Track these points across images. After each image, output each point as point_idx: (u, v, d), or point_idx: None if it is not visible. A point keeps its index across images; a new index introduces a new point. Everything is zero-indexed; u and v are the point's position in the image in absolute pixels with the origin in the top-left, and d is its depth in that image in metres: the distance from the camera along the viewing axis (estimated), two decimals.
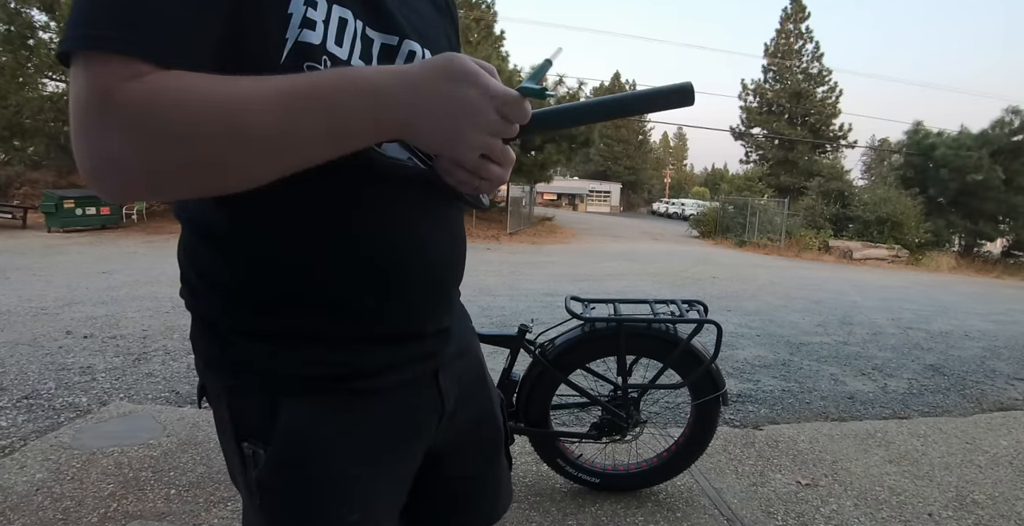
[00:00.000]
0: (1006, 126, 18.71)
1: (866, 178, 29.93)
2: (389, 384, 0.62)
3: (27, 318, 4.11)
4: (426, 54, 0.60)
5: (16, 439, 2.24)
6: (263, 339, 0.57)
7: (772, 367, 3.82)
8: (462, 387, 0.73)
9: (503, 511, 0.86)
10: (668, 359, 1.86)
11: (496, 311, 5.17)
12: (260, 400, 0.58)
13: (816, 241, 16.27)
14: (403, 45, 0.58)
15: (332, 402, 0.59)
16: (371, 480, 0.62)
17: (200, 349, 0.62)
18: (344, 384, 0.59)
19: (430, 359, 0.67)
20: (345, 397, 0.60)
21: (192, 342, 0.63)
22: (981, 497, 2.16)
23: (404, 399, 0.64)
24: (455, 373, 0.71)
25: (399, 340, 0.63)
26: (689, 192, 54.24)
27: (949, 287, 10.21)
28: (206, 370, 0.61)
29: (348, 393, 0.60)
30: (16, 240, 9.04)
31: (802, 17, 30.20)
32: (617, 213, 40.19)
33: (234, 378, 0.59)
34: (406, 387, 0.64)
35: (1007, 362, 4.36)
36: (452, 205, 0.66)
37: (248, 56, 0.48)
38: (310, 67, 0.50)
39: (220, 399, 0.60)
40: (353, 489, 0.61)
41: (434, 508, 0.78)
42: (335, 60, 0.52)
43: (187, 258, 0.61)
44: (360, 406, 0.61)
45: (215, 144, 0.42)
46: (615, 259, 11.08)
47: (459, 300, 0.76)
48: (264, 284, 0.56)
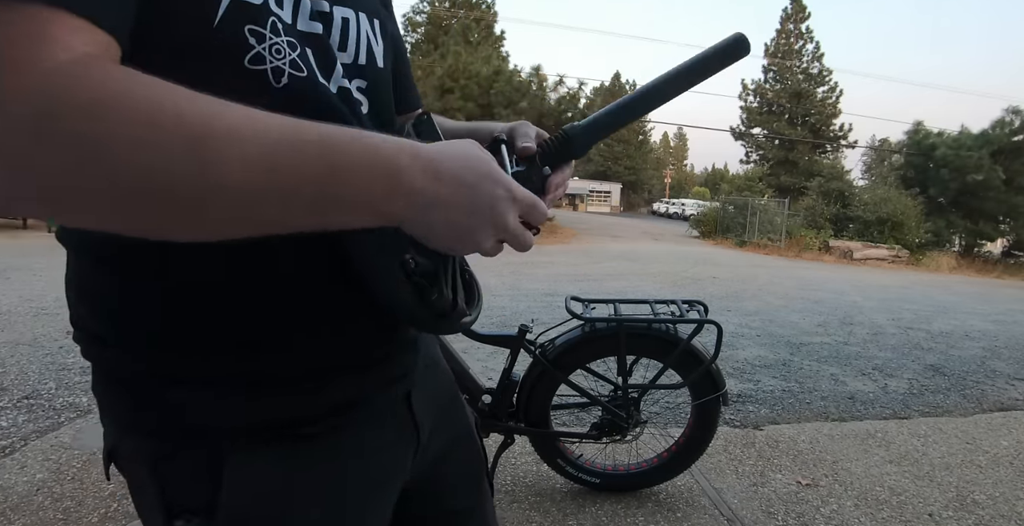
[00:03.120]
0: (1006, 126, 18.68)
1: (866, 178, 29.94)
2: (357, 420, 0.53)
3: (27, 318, 4.11)
4: (360, 19, 0.53)
5: (17, 439, 2.24)
6: (198, 387, 0.46)
7: (772, 367, 3.82)
8: (437, 408, 0.64)
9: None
10: (668, 359, 1.86)
11: (496, 311, 5.17)
12: (196, 464, 0.47)
13: (816, 241, 16.26)
14: (334, 11, 0.51)
15: (289, 454, 0.49)
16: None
17: (108, 406, 0.50)
18: (302, 428, 0.49)
19: (402, 380, 0.58)
20: (304, 444, 0.50)
21: (97, 397, 0.51)
22: (981, 497, 2.16)
23: (375, 434, 0.55)
24: (427, 393, 0.62)
25: (366, 366, 0.53)
26: (689, 192, 54.28)
27: (949, 287, 10.20)
28: (118, 432, 0.50)
29: (307, 439, 0.50)
30: (17, 240, 9.03)
31: (802, 17, 30.22)
32: (617, 213, 40.18)
33: (159, 439, 0.47)
34: (375, 419, 0.55)
35: (1007, 362, 4.36)
36: None
37: (174, 16, 0.39)
38: (252, 31, 0.42)
39: (139, 467, 0.49)
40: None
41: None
42: (281, 23, 0.44)
43: (84, 293, 0.48)
44: (322, 452, 0.51)
45: (173, 174, 0.30)
46: (615, 259, 11.08)
47: None
48: (200, 317, 0.46)
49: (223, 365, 0.47)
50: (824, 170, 22.13)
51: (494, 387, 1.89)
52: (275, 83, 0.44)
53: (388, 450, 0.57)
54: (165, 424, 0.47)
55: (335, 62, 0.50)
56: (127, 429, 0.49)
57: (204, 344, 0.46)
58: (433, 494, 0.67)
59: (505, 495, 1.98)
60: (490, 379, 2.13)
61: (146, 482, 0.48)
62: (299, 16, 0.46)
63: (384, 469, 0.57)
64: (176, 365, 0.46)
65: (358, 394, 0.53)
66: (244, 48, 0.42)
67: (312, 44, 0.47)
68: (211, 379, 0.47)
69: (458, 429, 0.70)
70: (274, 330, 0.48)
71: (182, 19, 0.39)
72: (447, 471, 0.68)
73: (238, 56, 0.42)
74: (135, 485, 0.50)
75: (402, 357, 0.58)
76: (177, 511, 0.47)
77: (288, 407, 0.49)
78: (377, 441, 0.55)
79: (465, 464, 0.71)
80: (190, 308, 0.46)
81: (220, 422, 0.47)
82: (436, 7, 21.83)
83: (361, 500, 0.54)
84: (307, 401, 0.50)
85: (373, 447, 0.55)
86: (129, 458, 0.50)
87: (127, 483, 0.51)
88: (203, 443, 0.47)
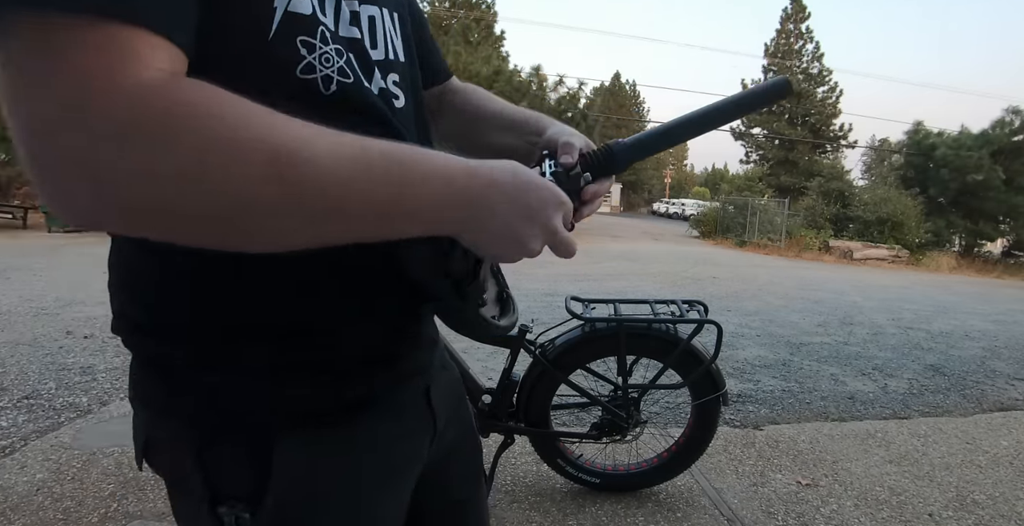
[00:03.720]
0: (1006, 126, 18.69)
1: (866, 178, 29.89)
2: (385, 408, 0.55)
3: (27, 318, 4.11)
4: (384, 15, 0.54)
5: (17, 439, 2.24)
6: (237, 373, 0.48)
7: (772, 367, 3.82)
8: (449, 402, 0.67)
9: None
10: (668, 359, 1.86)
11: None
12: (240, 450, 0.48)
13: (816, 241, 16.26)
14: (362, 10, 0.51)
15: (328, 439, 0.51)
16: (381, 522, 0.56)
17: (148, 392, 0.51)
18: (339, 415, 0.51)
19: (424, 374, 0.61)
20: (342, 430, 0.52)
21: (133, 386, 0.52)
22: (981, 497, 2.16)
23: (399, 423, 0.57)
24: (443, 387, 0.65)
25: (394, 360, 0.56)
26: (689, 192, 54.22)
27: (949, 287, 10.20)
28: (159, 419, 0.50)
29: (344, 425, 0.52)
30: (17, 240, 9.04)
31: (802, 17, 30.22)
32: (617, 213, 40.16)
33: (200, 426, 0.48)
34: (400, 409, 0.57)
35: (1007, 362, 4.36)
36: None
37: (231, 29, 0.40)
38: (304, 42, 0.43)
39: (181, 455, 0.48)
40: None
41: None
42: (328, 32, 0.45)
43: (126, 281, 0.50)
44: (358, 439, 0.53)
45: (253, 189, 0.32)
46: (615, 259, 11.07)
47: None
48: (253, 303, 0.47)
49: (263, 353, 0.48)
50: (824, 170, 22.14)
51: (494, 387, 1.89)
52: (324, 91, 0.45)
53: (409, 438, 0.59)
54: (205, 410, 0.48)
55: (373, 64, 0.51)
56: (165, 415, 0.50)
57: (249, 332, 0.47)
58: (441, 484, 0.69)
59: (505, 495, 1.98)
60: (490, 379, 2.13)
61: (188, 471, 0.48)
62: (340, 22, 0.47)
63: (406, 456, 0.59)
64: (220, 352, 0.47)
65: (388, 385, 0.55)
66: (296, 59, 0.43)
67: (354, 49, 0.48)
68: (250, 366, 0.48)
69: (464, 423, 0.73)
70: (313, 320, 0.49)
71: (239, 33, 0.40)
72: (454, 463, 0.71)
73: (290, 67, 0.43)
74: (175, 474, 0.50)
75: (424, 353, 0.60)
76: (222, 498, 0.48)
77: (327, 396, 0.50)
78: (401, 429, 0.57)
79: (468, 458, 0.74)
80: (236, 297, 0.47)
81: (262, 408, 0.48)
82: (436, 7, 21.83)
83: (385, 485, 0.56)
84: (345, 389, 0.51)
85: (397, 435, 0.57)
86: (168, 447, 0.50)
87: (163, 474, 0.52)
88: (245, 429, 0.48)
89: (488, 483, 0.81)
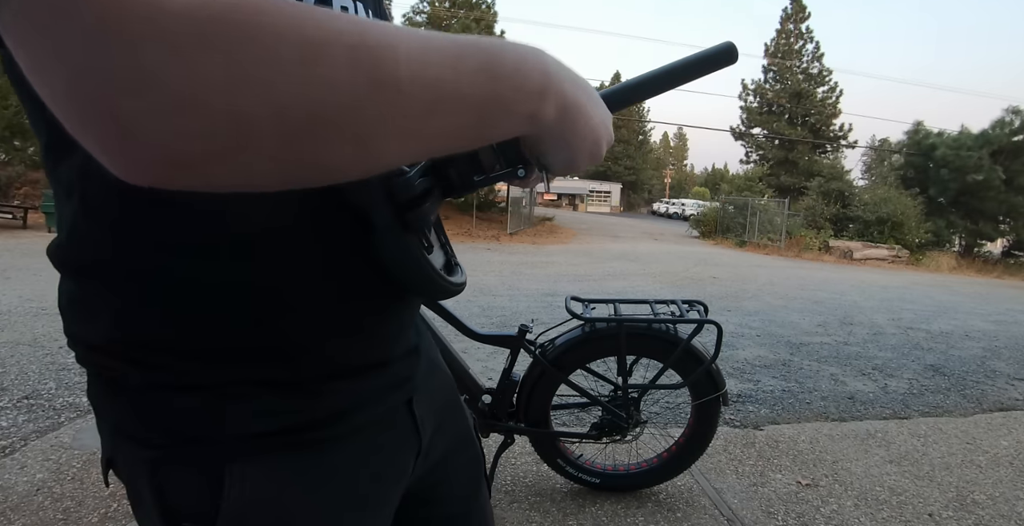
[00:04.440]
0: (1006, 126, 18.69)
1: (866, 178, 29.89)
2: (357, 425, 0.52)
3: (27, 318, 4.11)
4: (358, 8, 0.52)
5: (17, 439, 2.24)
6: (199, 393, 0.45)
7: (772, 367, 3.82)
8: (437, 413, 0.63)
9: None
10: (668, 359, 1.86)
11: (496, 311, 5.17)
12: (197, 472, 0.46)
13: (816, 241, 16.26)
14: (334, 2, 0.49)
15: (289, 460, 0.48)
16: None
17: (105, 412, 0.49)
18: (303, 435, 0.48)
19: (403, 386, 0.57)
20: (305, 450, 0.49)
21: (93, 404, 0.50)
22: (981, 497, 2.16)
23: (375, 440, 0.54)
24: (429, 397, 0.61)
25: (364, 371, 0.52)
26: (689, 192, 54.32)
27: (949, 287, 10.20)
28: (116, 439, 0.48)
29: (308, 445, 0.49)
30: (17, 240, 9.03)
31: (802, 17, 30.22)
32: (617, 213, 40.20)
33: (157, 447, 0.46)
34: (376, 425, 0.54)
35: (1007, 362, 4.36)
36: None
37: None
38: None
39: (138, 475, 0.47)
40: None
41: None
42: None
43: (74, 301, 0.48)
44: (323, 458, 0.50)
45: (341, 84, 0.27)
46: (615, 259, 11.08)
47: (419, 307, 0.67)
48: (202, 323, 0.44)
49: (232, 370, 0.46)
50: (824, 170, 22.15)
51: (494, 387, 1.89)
52: None
53: (389, 455, 0.56)
54: (162, 431, 0.46)
55: None
56: (124, 436, 0.48)
57: (205, 351, 0.45)
58: (434, 497, 0.66)
59: (505, 495, 1.98)
60: (490, 379, 2.13)
61: (144, 492, 0.47)
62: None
63: (385, 475, 0.56)
64: (174, 372, 0.45)
65: (359, 400, 0.52)
66: None
67: None
68: (217, 384, 0.45)
69: (458, 432, 0.70)
70: (278, 336, 0.47)
71: None
72: (448, 474, 0.67)
73: None
74: (133, 492, 0.49)
75: (404, 363, 0.57)
76: (176, 519, 0.46)
77: (289, 414, 0.48)
78: (378, 447, 0.54)
79: (465, 467, 0.71)
80: (192, 314, 0.44)
81: (219, 430, 0.46)
82: (436, 7, 21.83)
83: (360, 506, 0.53)
84: (308, 407, 0.48)
85: (374, 453, 0.54)
86: (127, 465, 0.48)
87: (126, 490, 0.51)
88: (201, 450, 0.46)
89: (488, 483, 0.78)
